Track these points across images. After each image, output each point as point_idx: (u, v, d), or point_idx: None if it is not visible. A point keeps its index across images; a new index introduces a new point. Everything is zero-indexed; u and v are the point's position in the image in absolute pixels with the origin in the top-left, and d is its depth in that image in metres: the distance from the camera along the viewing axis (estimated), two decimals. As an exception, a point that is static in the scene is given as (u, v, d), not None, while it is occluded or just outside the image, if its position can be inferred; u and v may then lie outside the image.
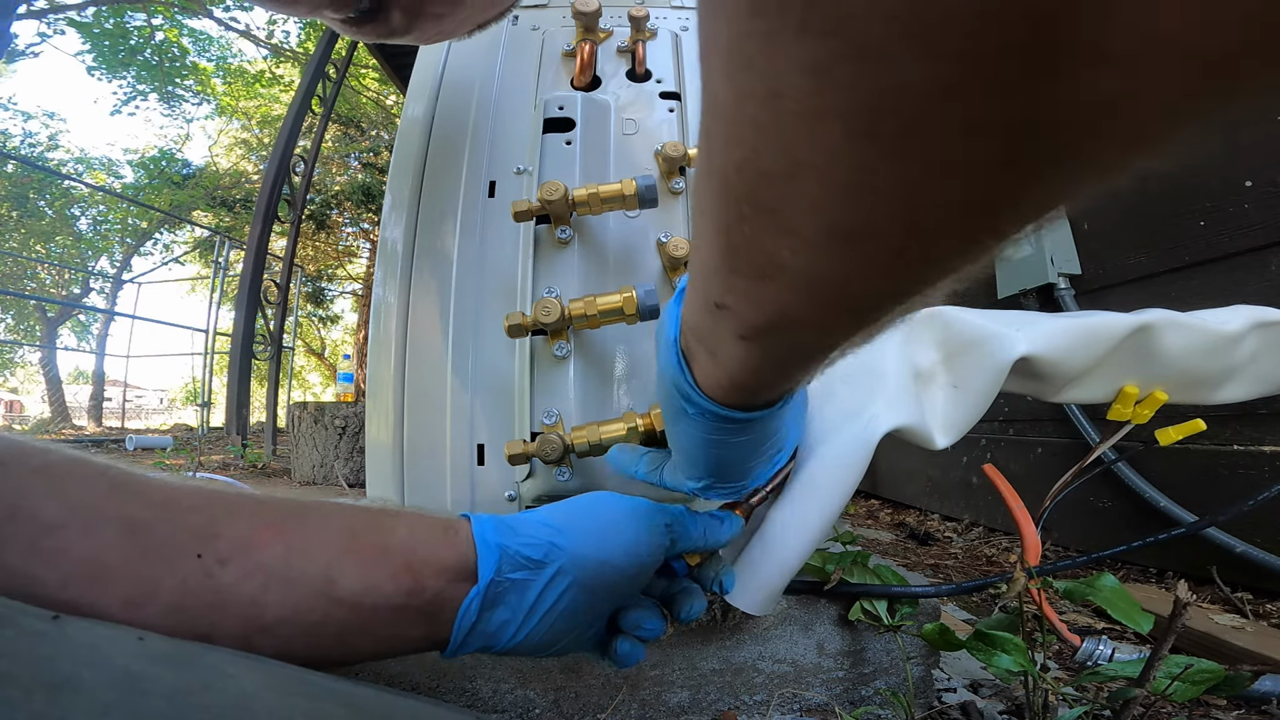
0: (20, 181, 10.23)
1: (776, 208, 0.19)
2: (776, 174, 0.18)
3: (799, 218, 0.19)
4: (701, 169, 0.22)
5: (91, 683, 0.19)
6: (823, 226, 0.19)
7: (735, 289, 0.24)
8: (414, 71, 0.82)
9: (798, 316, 0.23)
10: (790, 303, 0.23)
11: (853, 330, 0.24)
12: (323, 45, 4.57)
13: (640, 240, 0.69)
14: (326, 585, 0.33)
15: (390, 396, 0.69)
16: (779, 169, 0.18)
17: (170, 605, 0.29)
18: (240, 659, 0.24)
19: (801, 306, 0.23)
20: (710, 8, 0.17)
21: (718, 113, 0.20)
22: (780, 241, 0.20)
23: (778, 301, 0.23)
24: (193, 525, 0.31)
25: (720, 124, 0.20)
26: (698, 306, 0.29)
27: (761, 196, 0.19)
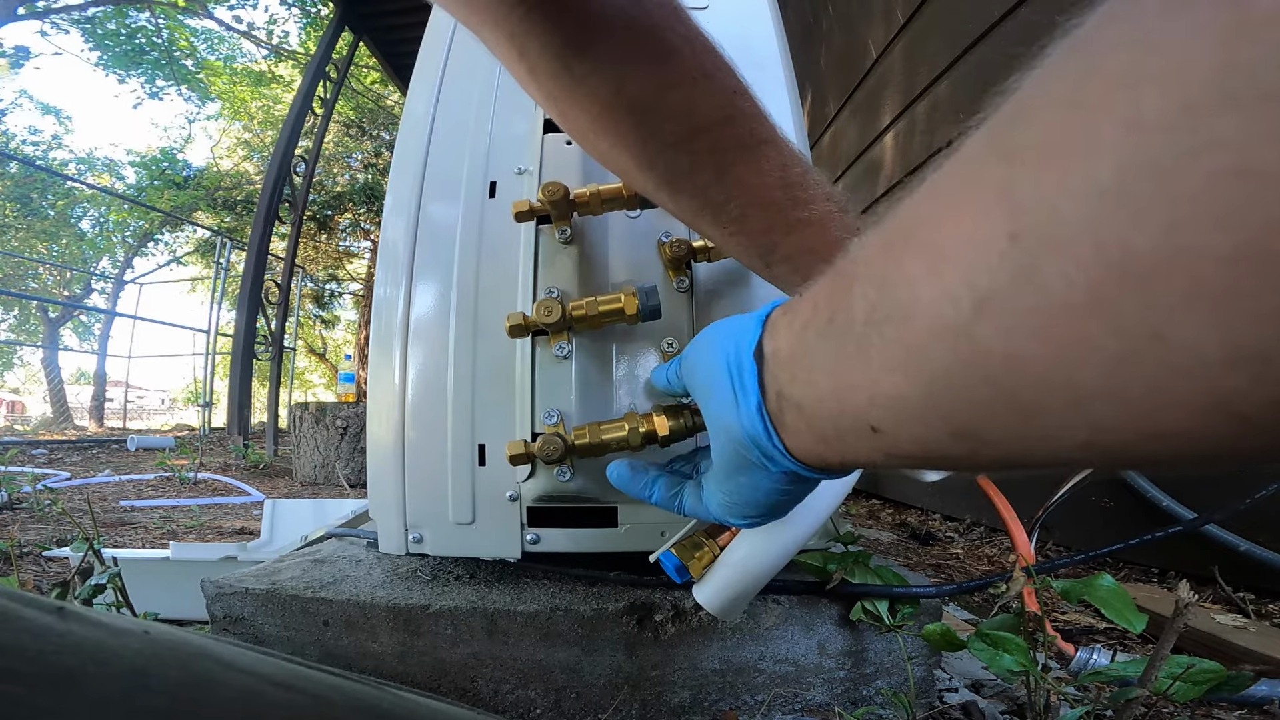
0: (23, 182, 10.24)
1: (1056, 429, 0.17)
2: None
3: (1071, 434, 0.17)
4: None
5: (95, 677, 0.19)
6: (1089, 443, 0.17)
7: (908, 431, 0.22)
8: (415, 71, 0.82)
9: (961, 465, 0.22)
10: (970, 457, 0.21)
11: None
12: (324, 46, 4.58)
13: (641, 240, 0.69)
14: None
15: (391, 397, 0.69)
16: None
17: None
18: (245, 654, 0.25)
19: (977, 465, 0.22)
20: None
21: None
22: (1015, 432, 0.19)
23: (960, 452, 0.21)
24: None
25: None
26: (824, 403, 0.26)
27: (1046, 413, 0.17)
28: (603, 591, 0.67)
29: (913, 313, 0.20)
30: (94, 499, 2.37)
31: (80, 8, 8.55)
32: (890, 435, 0.23)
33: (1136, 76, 0.14)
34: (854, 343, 0.22)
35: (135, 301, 12.02)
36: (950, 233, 0.18)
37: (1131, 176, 0.14)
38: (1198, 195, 0.13)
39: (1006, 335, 0.17)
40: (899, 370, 0.21)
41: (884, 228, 0.22)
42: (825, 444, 0.27)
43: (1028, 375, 0.17)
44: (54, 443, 4.88)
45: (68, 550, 0.91)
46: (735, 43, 0.81)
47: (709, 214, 0.48)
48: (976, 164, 0.18)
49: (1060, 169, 0.16)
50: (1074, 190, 0.15)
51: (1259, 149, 0.12)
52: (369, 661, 0.65)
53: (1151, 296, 0.14)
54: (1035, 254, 0.16)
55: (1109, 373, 0.15)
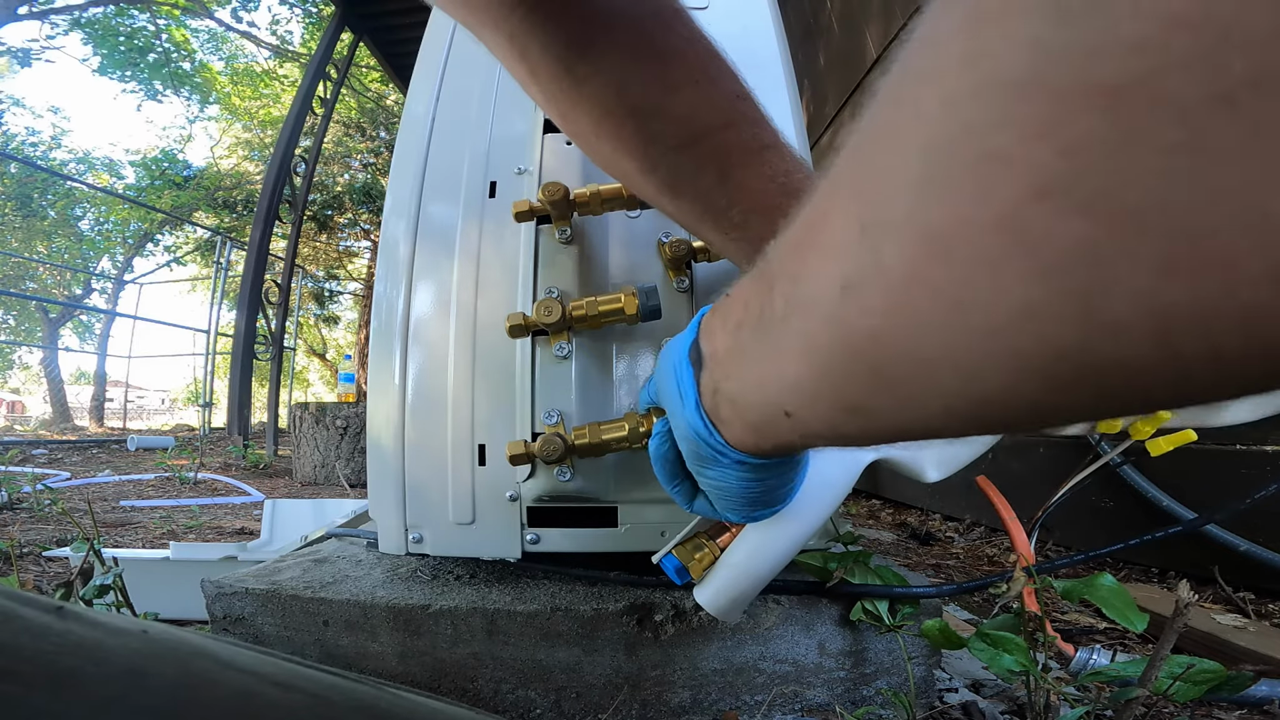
0: (23, 182, 10.25)
1: (918, 396, 0.19)
2: (932, 364, 0.18)
3: (930, 401, 0.19)
4: (811, 305, 0.22)
5: (94, 677, 0.19)
6: (947, 409, 0.19)
7: (812, 411, 0.24)
8: (415, 71, 0.82)
9: (863, 440, 0.24)
10: (864, 432, 0.23)
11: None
12: (324, 46, 4.58)
13: (641, 240, 0.69)
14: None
15: (391, 397, 0.69)
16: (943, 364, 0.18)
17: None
18: (243, 653, 0.25)
19: (874, 438, 0.23)
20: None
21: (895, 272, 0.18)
22: (890, 403, 0.20)
23: (854, 428, 0.23)
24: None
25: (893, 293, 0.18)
26: (748, 392, 0.28)
27: (906, 383, 0.19)
28: (603, 591, 0.67)
29: (809, 304, 0.22)
30: (94, 499, 2.37)
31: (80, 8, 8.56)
32: (800, 417, 0.25)
33: (924, 72, 0.16)
34: (774, 335, 0.25)
35: (135, 301, 12.03)
36: (827, 226, 0.20)
37: (927, 160, 0.16)
38: (965, 174, 0.15)
39: (866, 315, 0.19)
40: (801, 357, 0.23)
41: (794, 228, 0.23)
42: (755, 431, 0.30)
43: (886, 350, 0.19)
44: (54, 443, 4.88)
45: (68, 550, 0.91)
46: (735, 43, 0.81)
47: (710, 219, 0.48)
48: (844, 162, 0.20)
49: (885, 159, 0.18)
50: (894, 177, 0.17)
51: (996, 133, 0.14)
52: (369, 661, 0.65)
53: (952, 266, 0.16)
54: (877, 237, 0.18)
55: (939, 341, 0.17)
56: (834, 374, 0.22)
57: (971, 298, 0.16)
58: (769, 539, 0.51)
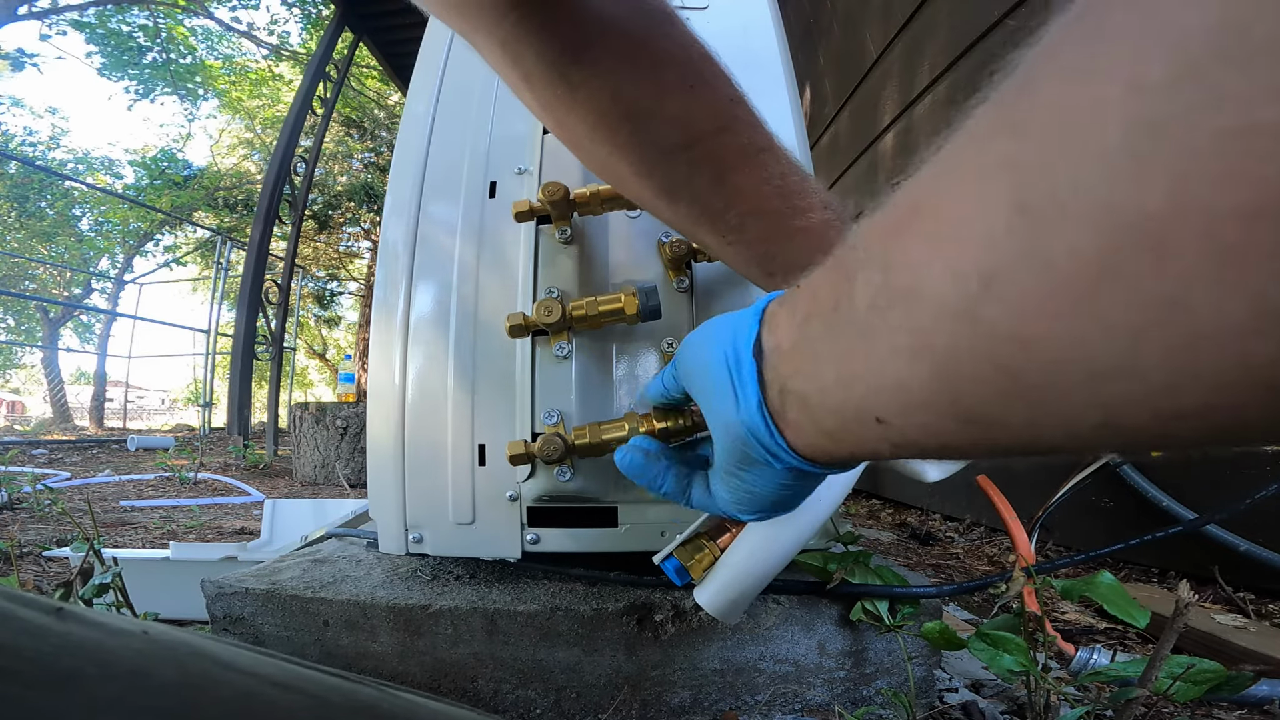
0: (21, 182, 10.24)
1: (1069, 409, 0.17)
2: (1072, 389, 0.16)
3: (1084, 414, 0.17)
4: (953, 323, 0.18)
5: (94, 678, 0.19)
6: (1106, 424, 0.17)
7: (914, 419, 0.21)
8: (415, 71, 0.82)
9: (969, 452, 0.22)
10: (977, 444, 0.21)
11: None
12: (324, 46, 4.58)
13: (641, 240, 0.69)
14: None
15: (391, 397, 0.69)
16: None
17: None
18: (243, 654, 0.25)
19: (985, 451, 0.21)
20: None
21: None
22: (1025, 415, 0.18)
23: (966, 439, 0.21)
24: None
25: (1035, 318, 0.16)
26: (828, 395, 0.25)
27: (1057, 393, 0.17)
28: (603, 591, 0.67)
29: (918, 296, 0.19)
30: (94, 499, 2.37)
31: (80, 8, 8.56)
32: (897, 425, 0.22)
33: (1138, 38, 0.14)
34: (858, 330, 0.22)
35: (135, 301, 12.03)
36: (955, 210, 0.18)
37: (1138, 137, 0.14)
38: (1207, 152, 0.13)
39: (1015, 314, 0.16)
40: (904, 356, 0.20)
41: (885, 212, 0.21)
42: (830, 437, 0.26)
43: (1038, 356, 0.16)
44: (54, 443, 4.88)
45: (68, 550, 0.91)
46: (735, 42, 0.81)
47: (707, 223, 0.48)
48: (981, 139, 0.18)
49: (1067, 135, 0.15)
50: (1082, 155, 0.15)
51: (1262, 105, 0.12)
52: (369, 661, 0.65)
53: (1167, 261, 0.13)
54: (1044, 225, 0.15)
55: (1124, 349, 0.15)
56: (955, 379, 0.19)
57: (1193, 299, 0.13)
58: (769, 540, 0.51)
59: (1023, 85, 0.17)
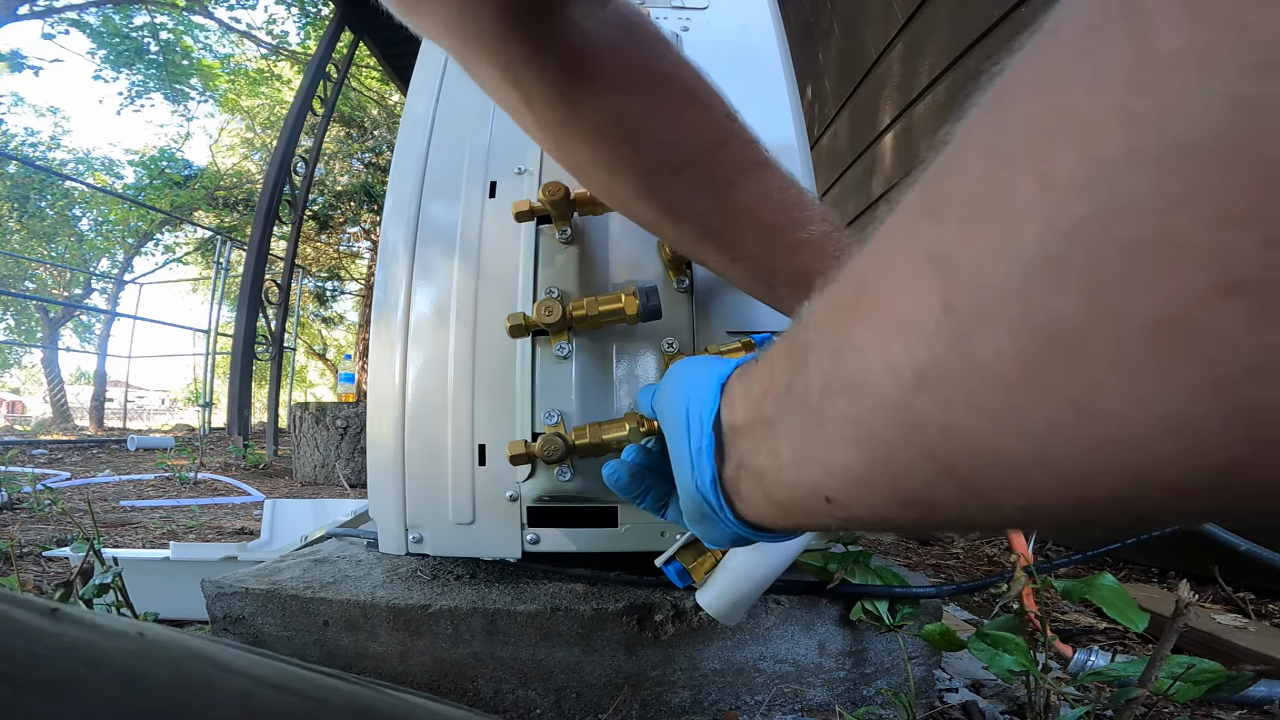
0: (21, 182, 10.24)
1: (996, 498, 0.17)
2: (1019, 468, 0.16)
3: (1009, 500, 0.17)
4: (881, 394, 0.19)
5: (89, 680, 0.19)
6: (1028, 509, 0.17)
7: (860, 501, 0.22)
8: (415, 71, 0.82)
9: (914, 530, 0.23)
10: (919, 524, 0.21)
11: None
12: (324, 46, 4.58)
13: (641, 240, 0.69)
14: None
15: (391, 397, 0.69)
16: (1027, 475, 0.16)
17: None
18: (241, 655, 0.24)
19: (928, 529, 0.22)
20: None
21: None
22: (957, 499, 0.18)
23: (908, 520, 0.21)
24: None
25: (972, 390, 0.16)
26: (781, 472, 0.26)
27: (986, 483, 0.17)
28: (603, 591, 0.67)
29: (861, 386, 0.19)
30: (94, 499, 2.37)
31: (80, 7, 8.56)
32: (843, 504, 0.23)
33: (1048, 128, 0.13)
34: (812, 414, 0.22)
35: (135, 301, 12.01)
36: (891, 301, 0.18)
37: (1051, 240, 0.13)
38: (1114, 261, 0.12)
39: (945, 409, 0.16)
40: (850, 443, 0.20)
41: (835, 290, 0.21)
42: (780, 510, 0.27)
43: (965, 447, 0.17)
44: (54, 443, 4.88)
45: (68, 550, 0.91)
46: (735, 43, 0.81)
47: (711, 241, 0.48)
48: (909, 222, 0.18)
49: (985, 231, 0.15)
50: (999, 254, 0.15)
51: (1171, 213, 0.11)
52: (369, 661, 0.65)
53: (1075, 367, 0.13)
54: (968, 324, 0.15)
55: (1039, 444, 0.15)
56: (893, 466, 0.19)
57: (1100, 405, 0.13)
58: (771, 544, 0.51)
59: (945, 165, 0.17)
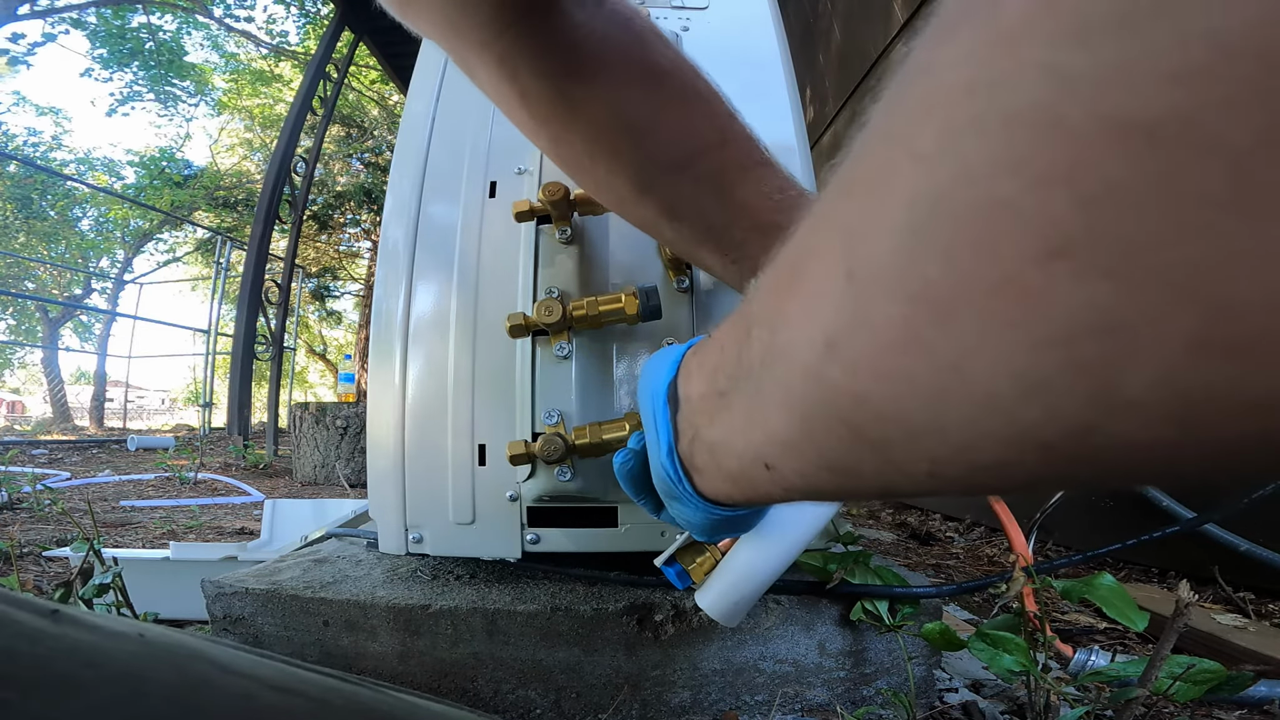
0: (23, 183, 10.24)
1: (902, 461, 0.18)
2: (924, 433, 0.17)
3: (916, 466, 0.18)
4: (796, 360, 0.20)
5: (91, 682, 0.19)
6: (933, 475, 0.18)
7: (794, 467, 0.23)
8: (415, 71, 0.82)
9: (849, 496, 0.23)
10: (845, 491, 0.22)
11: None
12: (324, 46, 4.58)
13: (642, 240, 0.69)
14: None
15: (391, 397, 0.69)
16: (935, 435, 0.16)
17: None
18: (241, 657, 0.24)
19: (856, 496, 0.23)
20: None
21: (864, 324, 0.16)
22: (874, 466, 0.19)
23: (835, 487, 0.22)
24: None
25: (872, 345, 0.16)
26: (728, 440, 0.27)
27: (891, 447, 0.18)
28: (603, 591, 0.67)
29: (788, 355, 0.20)
30: (94, 499, 2.37)
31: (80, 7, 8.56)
32: (780, 472, 0.23)
33: (923, 103, 0.14)
34: (754, 383, 0.23)
35: (135, 301, 12.02)
36: (811, 273, 0.19)
37: (919, 208, 0.14)
38: (964, 226, 0.13)
39: (850, 375, 0.17)
40: (782, 409, 0.21)
41: (775, 267, 0.22)
42: (732, 482, 0.28)
43: (870, 413, 0.17)
44: (54, 443, 4.88)
45: (68, 550, 0.91)
46: (735, 43, 0.81)
47: (711, 242, 0.47)
48: (830, 201, 0.18)
49: (874, 202, 0.16)
50: (884, 224, 0.15)
51: (1002, 179, 0.12)
52: (369, 662, 0.65)
53: (950, 330, 0.14)
54: (865, 292, 0.16)
55: (929, 408, 0.15)
56: (816, 432, 0.20)
57: (970, 366, 0.14)
58: (770, 543, 0.51)
59: (858, 147, 0.17)
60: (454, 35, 0.43)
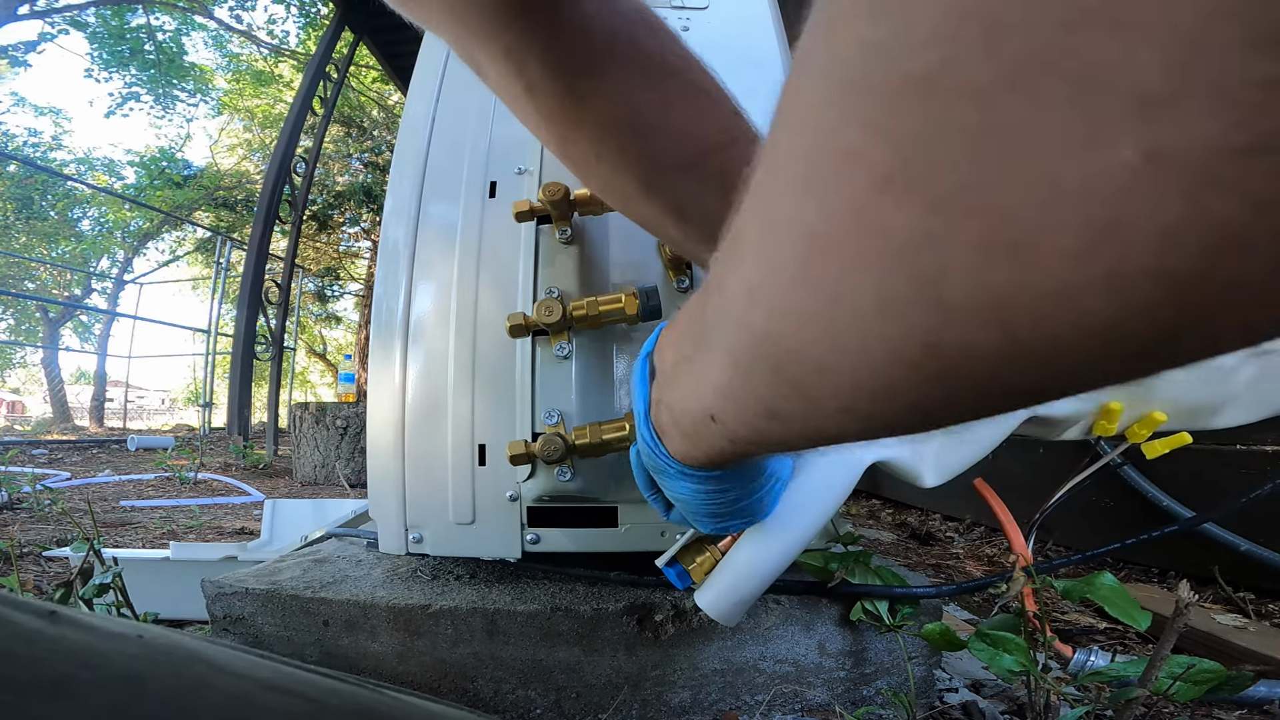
0: (23, 183, 10.24)
1: (817, 396, 0.19)
2: (839, 372, 0.18)
3: (829, 402, 0.19)
4: (730, 310, 0.22)
5: (88, 684, 0.18)
6: (844, 410, 0.19)
7: (733, 415, 0.25)
8: (415, 71, 0.82)
9: (790, 444, 0.25)
10: (783, 437, 0.23)
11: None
12: (324, 46, 4.58)
13: (641, 240, 0.69)
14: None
15: (391, 397, 0.69)
16: (845, 373, 0.18)
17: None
18: (240, 657, 0.24)
19: (793, 442, 0.24)
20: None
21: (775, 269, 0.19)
22: (799, 406, 0.21)
23: (774, 433, 0.23)
24: None
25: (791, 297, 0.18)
26: (683, 399, 0.29)
27: (805, 383, 0.19)
28: (603, 591, 0.67)
29: (728, 311, 0.22)
30: (94, 499, 2.37)
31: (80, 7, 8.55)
32: (724, 422, 0.25)
33: (797, 79, 0.17)
34: (706, 344, 0.25)
35: (135, 301, 12.01)
36: (743, 232, 0.21)
37: (804, 162, 0.17)
38: (829, 170, 0.16)
39: (766, 318, 0.19)
40: (723, 362, 0.23)
41: (730, 235, 0.23)
42: (688, 439, 0.31)
43: (783, 351, 0.19)
44: (54, 443, 4.88)
45: (68, 550, 0.91)
46: (735, 43, 0.81)
47: (716, 241, 0.47)
48: (759, 164, 0.20)
49: (775, 164, 0.18)
50: (782, 179, 0.18)
51: (846, 132, 0.15)
52: (369, 661, 0.65)
53: (828, 263, 0.16)
54: (773, 240, 0.18)
55: (824, 338, 0.18)
56: (749, 378, 0.22)
57: (844, 292, 0.16)
58: (769, 543, 0.51)
59: (772, 124, 0.20)
60: (459, 28, 0.43)
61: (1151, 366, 0.14)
